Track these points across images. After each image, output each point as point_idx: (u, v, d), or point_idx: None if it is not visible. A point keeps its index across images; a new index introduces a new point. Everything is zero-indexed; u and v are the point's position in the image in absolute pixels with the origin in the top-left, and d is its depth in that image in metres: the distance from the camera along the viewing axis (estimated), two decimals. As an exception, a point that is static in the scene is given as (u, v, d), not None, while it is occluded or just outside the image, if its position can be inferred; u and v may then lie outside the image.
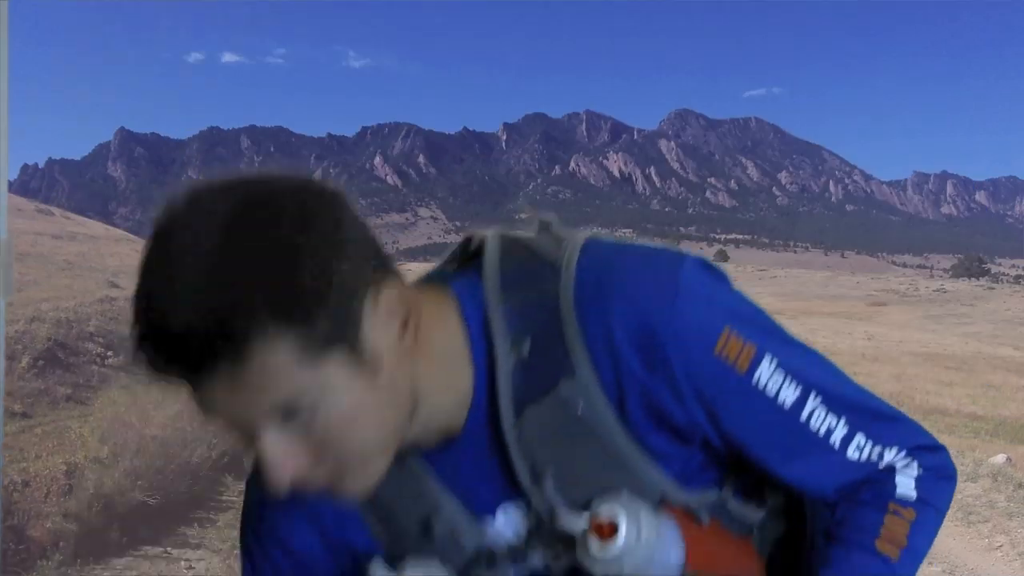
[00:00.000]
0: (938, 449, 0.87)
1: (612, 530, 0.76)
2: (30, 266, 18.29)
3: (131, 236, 40.90)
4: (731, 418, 0.80)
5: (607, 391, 0.78)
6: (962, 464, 8.10)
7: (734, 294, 0.82)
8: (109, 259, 23.86)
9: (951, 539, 6.63)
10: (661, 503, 0.81)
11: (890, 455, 0.84)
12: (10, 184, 1.22)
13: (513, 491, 0.82)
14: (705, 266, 0.81)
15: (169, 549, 7.66)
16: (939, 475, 0.86)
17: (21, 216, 29.36)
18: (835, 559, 0.83)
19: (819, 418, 0.81)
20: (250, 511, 0.90)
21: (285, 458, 0.67)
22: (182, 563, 7.27)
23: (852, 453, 0.82)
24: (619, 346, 0.77)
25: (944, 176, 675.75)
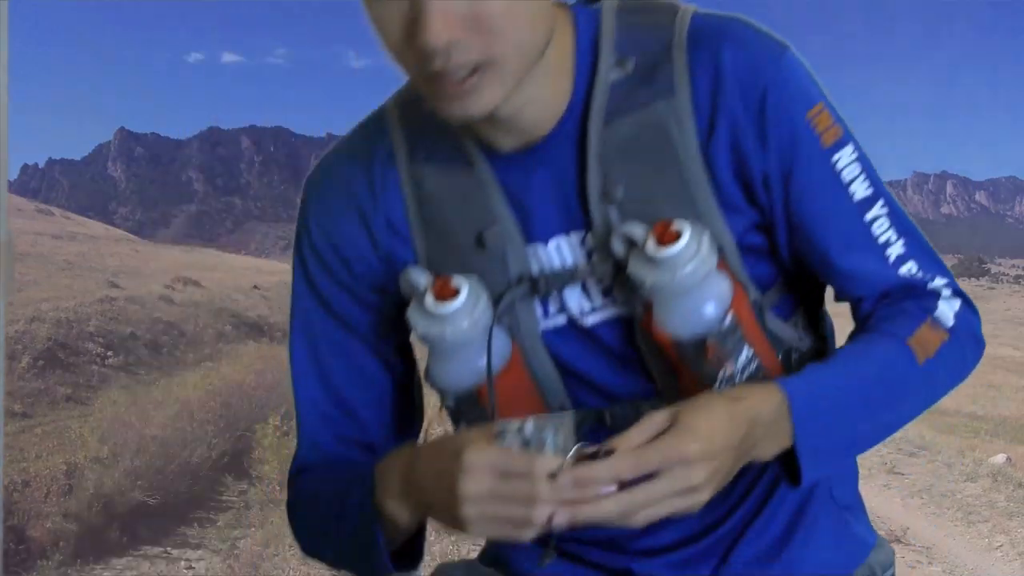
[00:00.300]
0: (976, 312, 0.87)
1: (674, 237, 0.75)
2: (30, 266, 18.28)
3: (131, 236, 40.86)
4: (802, 188, 0.81)
5: (699, 122, 0.79)
6: (962, 464, 8.09)
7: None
8: (109, 259, 23.84)
9: (951, 539, 6.63)
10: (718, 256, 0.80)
11: (938, 283, 0.85)
12: (10, 184, 1.22)
13: (574, 220, 0.82)
14: None
15: (169, 549, 7.65)
16: (972, 330, 0.86)
17: (21, 216, 29.35)
18: (864, 340, 0.83)
19: (881, 227, 0.83)
20: (304, 210, 0.91)
21: (443, 12, 0.68)
22: (182, 563, 7.26)
23: (904, 272, 0.84)
24: (724, 80, 0.78)
25: (944, 176, 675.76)
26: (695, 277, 0.76)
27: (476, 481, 0.68)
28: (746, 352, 0.80)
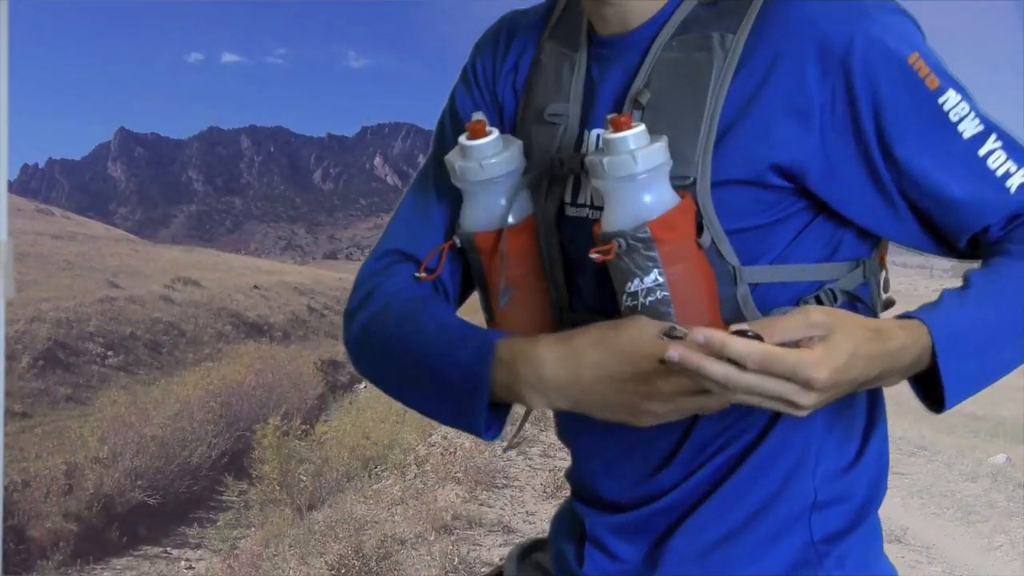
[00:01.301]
0: None
1: (625, 126, 0.77)
2: (30, 266, 18.28)
3: (131, 236, 40.82)
4: (911, 132, 0.81)
5: (750, 63, 0.80)
6: (962, 464, 8.10)
7: None
8: (109, 259, 23.84)
9: (951, 539, 6.63)
10: (684, 188, 0.79)
11: None
12: (10, 184, 1.21)
13: (599, 118, 0.86)
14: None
15: (169, 549, 7.66)
16: None
17: (21, 216, 29.35)
18: (1002, 264, 0.81)
19: (998, 160, 0.82)
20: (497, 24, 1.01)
21: None
22: (182, 563, 7.27)
23: None
24: (799, 32, 0.80)
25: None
26: (623, 169, 0.76)
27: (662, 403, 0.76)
28: (654, 276, 0.77)
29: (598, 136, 0.85)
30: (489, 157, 0.85)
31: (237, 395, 10.61)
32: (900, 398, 0.93)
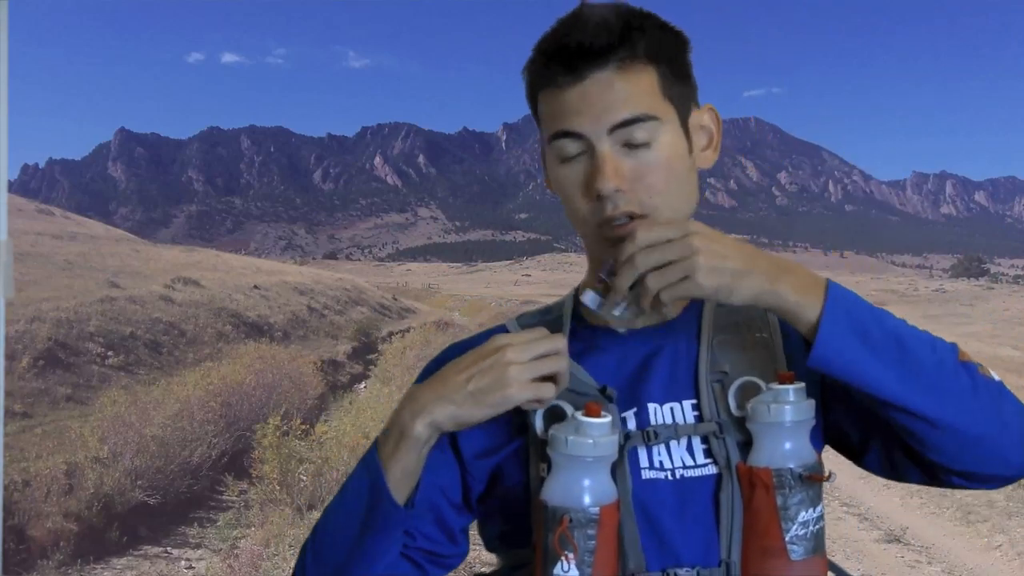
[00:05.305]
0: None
1: (794, 380, 0.90)
2: (30, 266, 18.28)
3: (131, 236, 40.82)
4: None
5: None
6: (962, 464, 8.09)
7: None
8: (109, 259, 23.83)
9: (951, 539, 6.63)
10: None
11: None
12: (10, 184, 1.22)
13: (685, 390, 0.97)
14: None
15: (169, 549, 7.66)
16: (1018, 404, 1.00)
17: (21, 216, 29.35)
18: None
19: None
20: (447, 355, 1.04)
21: (615, 165, 0.89)
22: (182, 563, 7.27)
23: None
24: None
25: (943, 176, 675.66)
26: (809, 412, 0.90)
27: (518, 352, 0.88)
28: (821, 508, 0.91)
29: (767, 387, 0.92)
30: (614, 431, 0.91)
31: (237, 395, 10.61)
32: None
